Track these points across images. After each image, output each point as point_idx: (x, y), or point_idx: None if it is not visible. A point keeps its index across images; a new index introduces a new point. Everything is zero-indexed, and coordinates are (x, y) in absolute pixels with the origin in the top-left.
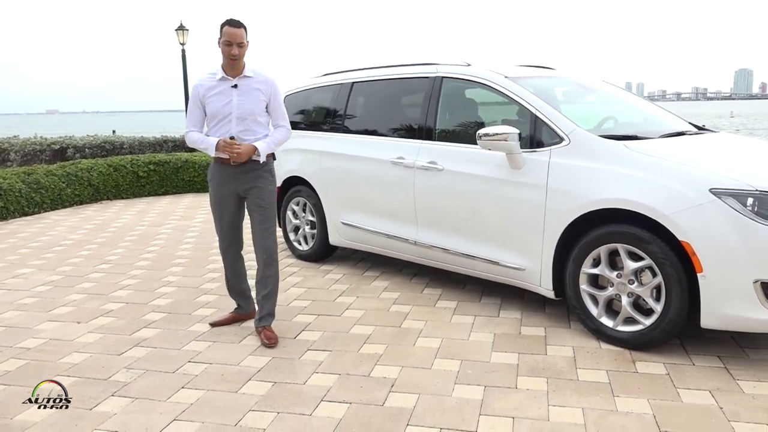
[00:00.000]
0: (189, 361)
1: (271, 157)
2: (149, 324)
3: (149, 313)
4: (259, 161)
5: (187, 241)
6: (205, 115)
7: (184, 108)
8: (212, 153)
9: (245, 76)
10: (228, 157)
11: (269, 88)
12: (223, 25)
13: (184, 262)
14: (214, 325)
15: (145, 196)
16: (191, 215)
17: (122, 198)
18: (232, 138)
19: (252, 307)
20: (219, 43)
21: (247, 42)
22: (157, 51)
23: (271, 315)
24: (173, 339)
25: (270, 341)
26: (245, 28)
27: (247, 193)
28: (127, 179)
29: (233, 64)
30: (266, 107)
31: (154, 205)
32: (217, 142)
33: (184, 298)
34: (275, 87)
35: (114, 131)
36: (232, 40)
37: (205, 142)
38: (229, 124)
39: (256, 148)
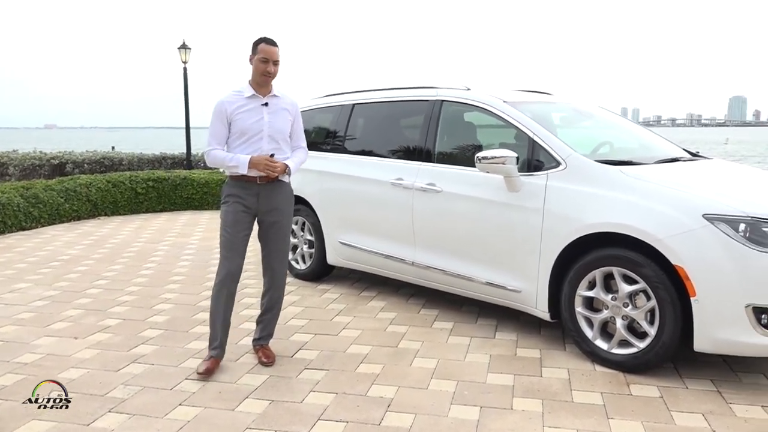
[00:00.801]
0: (186, 378)
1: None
2: (147, 340)
3: (146, 330)
4: (284, 181)
5: (185, 258)
6: (229, 133)
7: (184, 125)
8: (244, 170)
9: (274, 96)
10: (257, 175)
11: (295, 109)
12: (258, 42)
13: (181, 279)
14: (205, 373)
15: (143, 212)
16: (189, 232)
17: (120, 214)
18: (272, 155)
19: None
20: (251, 60)
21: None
22: (158, 68)
23: (270, 335)
24: (170, 356)
25: (268, 360)
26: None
27: (267, 214)
28: (126, 195)
29: (266, 82)
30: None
31: (152, 222)
32: (250, 160)
33: (182, 315)
34: (298, 109)
35: (113, 147)
36: (270, 57)
37: (235, 160)
38: (260, 142)
39: (287, 167)
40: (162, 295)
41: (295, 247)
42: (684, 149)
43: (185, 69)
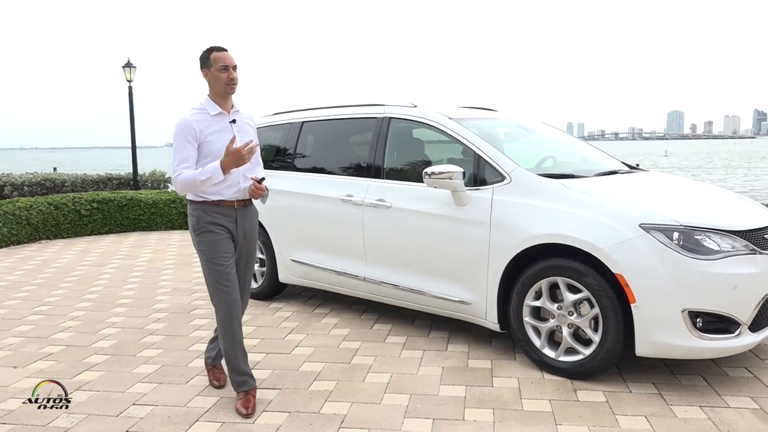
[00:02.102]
0: (134, 404)
1: None
2: (91, 367)
3: (92, 356)
4: (254, 206)
5: (132, 280)
6: (198, 154)
7: (130, 145)
8: (219, 177)
9: (237, 111)
10: (235, 199)
11: (255, 124)
12: (209, 53)
13: (128, 302)
14: (252, 410)
15: (88, 235)
16: (136, 254)
17: (63, 237)
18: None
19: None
20: (206, 75)
21: None
22: (101, 87)
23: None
24: (117, 381)
25: (219, 381)
26: None
27: (242, 238)
28: (69, 218)
29: (232, 91)
30: None
31: (97, 245)
32: (221, 162)
33: (129, 339)
34: (255, 123)
35: (55, 168)
36: (228, 63)
37: (206, 172)
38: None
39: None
40: (108, 319)
41: None
42: (622, 162)
43: (130, 88)
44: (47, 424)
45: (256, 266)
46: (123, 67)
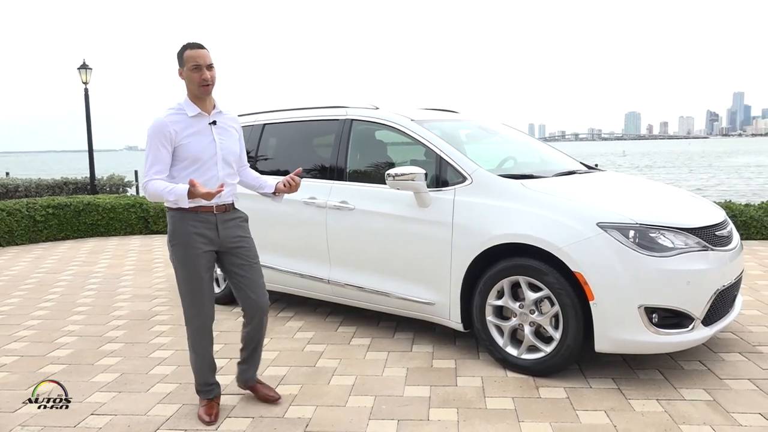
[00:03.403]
0: (92, 414)
1: None
2: (47, 377)
3: (47, 366)
4: (240, 211)
5: (90, 287)
6: (172, 159)
7: (87, 148)
8: (185, 204)
9: (219, 112)
10: (214, 204)
11: (239, 126)
12: (183, 51)
13: (86, 309)
14: (215, 418)
15: (43, 241)
16: (94, 260)
17: (17, 244)
18: (221, 186)
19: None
20: (181, 74)
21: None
22: (55, 88)
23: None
24: (74, 391)
25: (270, 393)
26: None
27: (230, 242)
28: (22, 224)
29: (207, 92)
30: None
31: (53, 251)
32: (188, 191)
33: (87, 348)
34: (240, 125)
35: (7, 173)
36: (202, 61)
37: (173, 193)
38: (214, 168)
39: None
40: (65, 327)
41: None
42: (581, 162)
43: (86, 90)
44: None
45: (218, 270)
46: (78, 68)
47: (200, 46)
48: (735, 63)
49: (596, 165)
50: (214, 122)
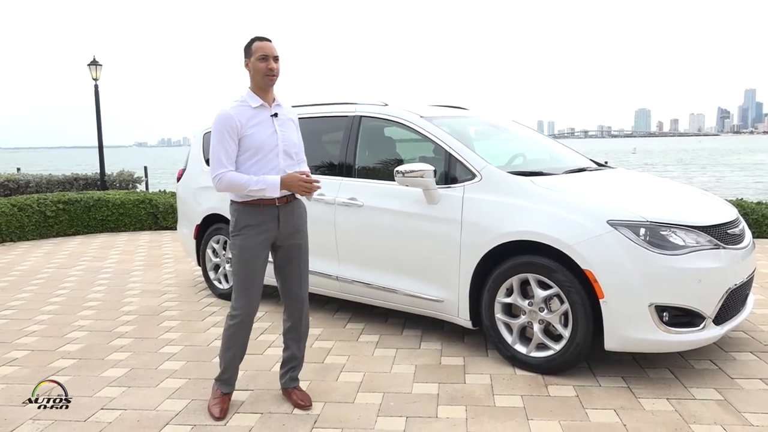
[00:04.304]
0: (102, 408)
1: None
2: (58, 371)
3: (58, 360)
4: (301, 201)
5: (100, 283)
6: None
7: (97, 144)
8: (276, 193)
9: (279, 104)
10: (276, 196)
11: (296, 119)
12: (251, 43)
13: (96, 305)
14: (221, 416)
15: (54, 237)
16: (104, 256)
17: (28, 239)
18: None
19: None
20: (248, 65)
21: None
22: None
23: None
24: (84, 386)
25: (305, 402)
26: None
27: (289, 238)
28: (33, 219)
29: (271, 83)
30: None
31: (63, 246)
32: (282, 180)
33: (97, 343)
34: (297, 119)
35: (18, 169)
36: (268, 53)
37: (261, 182)
38: (276, 159)
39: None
40: (75, 322)
41: (217, 267)
42: (591, 159)
43: (96, 86)
44: (12, 430)
45: (227, 266)
46: (89, 65)
47: (268, 39)
48: (746, 60)
49: (606, 162)
50: (276, 114)
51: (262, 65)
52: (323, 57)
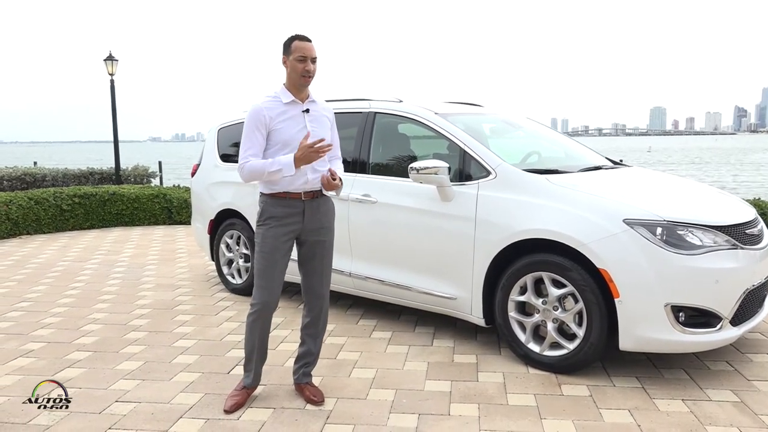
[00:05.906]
0: (116, 401)
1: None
2: (73, 363)
3: (73, 352)
4: (329, 196)
5: (115, 276)
6: (266, 143)
7: (113, 139)
8: (291, 171)
9: (313, 101)
10: (302, 190)
11: (332, 116)
12: (291, 41)
13: (111, 298)
14: (233, 408)
15: (69, 230)
16: (119, 249)
17: (44, 233)
18: (322, 139)
19: None
20: (285, 63)
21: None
22: (83, 79)
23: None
24: (99, 378)
25: (318, 398)
26: None
27: (313, 234)
28: (50, 213)
29: (306, 83)
30: None
31: (79, 240)
32: (295, 157)
33: (112, 336)
34: (333, 116)
35: (35, 163)
36: (307, 54)
37: (276, 164)
38: None
39: (341, 180)
40: (90, 315)
41: (230, 262)
42: (606, 158)
43: (112, 81)
44: (28, 422)
45: (240, 261)
46: (104, 60)
47: (308, 39)
48: (764, 58)
49: (621, 160)
50: (307, 110)
51: (299, 66)
52: (338, 53)
